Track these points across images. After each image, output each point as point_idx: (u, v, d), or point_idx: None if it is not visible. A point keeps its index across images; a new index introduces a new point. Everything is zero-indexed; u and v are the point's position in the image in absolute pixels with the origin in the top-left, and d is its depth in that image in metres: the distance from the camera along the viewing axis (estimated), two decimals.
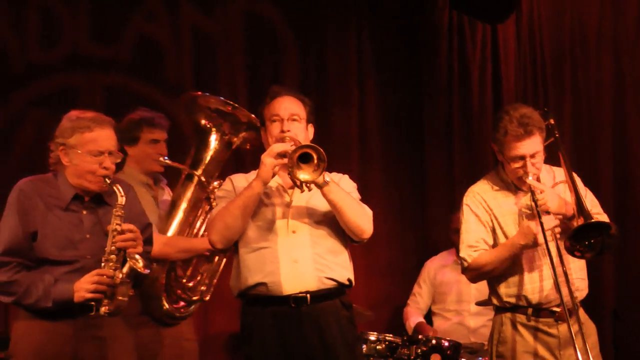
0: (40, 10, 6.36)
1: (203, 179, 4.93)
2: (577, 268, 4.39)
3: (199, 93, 5.08)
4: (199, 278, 5.06)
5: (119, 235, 3.90)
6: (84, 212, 4.02)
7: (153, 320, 4.93)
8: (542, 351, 4.33)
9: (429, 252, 6.78)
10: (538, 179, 4.33)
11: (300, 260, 4.13)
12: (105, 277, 3.86)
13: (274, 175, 4.09)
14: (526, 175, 4.27)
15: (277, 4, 6.94)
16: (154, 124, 5.09)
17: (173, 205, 5.06)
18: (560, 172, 4.50)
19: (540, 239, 4.17)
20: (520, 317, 4.36)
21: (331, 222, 4.23)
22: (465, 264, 4.41)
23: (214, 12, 6.77)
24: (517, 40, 7.20)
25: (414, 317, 6.44)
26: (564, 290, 4.16)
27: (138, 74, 6.56)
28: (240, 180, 4.33)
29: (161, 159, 5.02)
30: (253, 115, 4.91)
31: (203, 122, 5.07)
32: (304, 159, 3.98)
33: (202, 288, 5.01)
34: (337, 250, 4.25)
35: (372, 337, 5.49)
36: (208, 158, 5.03)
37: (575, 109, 7.09)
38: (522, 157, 4.26)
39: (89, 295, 3.83)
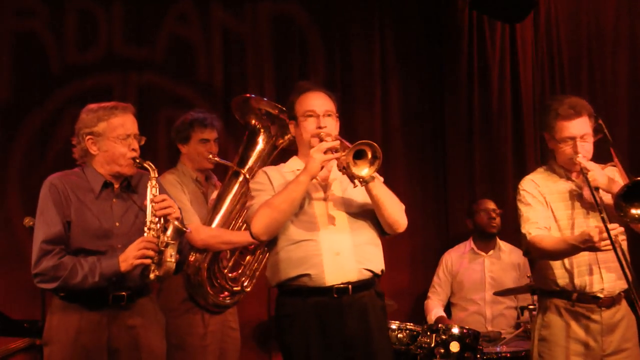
0: (77, 13, 6.53)
1: (248, 176, 5.03)
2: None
3: (251, 95, 5.18)
4: (241, 270, 5.17)
5: (157, 204, 3.97)
6: (114, 201, 4.09)
7: (198, 307, 5.05)
8: (584, 336, 4.41)
9: (450, 245, 6.85)
10: (588, 161, 4.41)
11: (342, 252, 4.19)
12: (149, 242, 3.92)
13: (321, 169, 4.14)
14: (576, 155, 4.37)
15: (304, 6, 7.03)
16: (205, 124, 5.24)
17: (219, 200, 5.18)
18: (609, 170, 4.56)
19: (599, 245, 4.15)
20: (565, 303, 4.45)
21: (367, 213, 4.29)
22: (528, 237, 4.45)
23: (244, 14, 6.89)
24: (534, 39, 7.24)
25: (435, 309, 6.51)
26: (624, 270, 4.16)
27: (170, 73, 6.71)
28: (274, 173, 4.37)
29: (210, 156, 5.18)
30: None
31: (253, 122, 5.20)
32: (358, 155, 4.04)
33: (244, 279, 5.10)
34: (374, 241, 4.32)
35: (394, 326, 5.52)
36: (254, 157, 5.14)
37: (592, 106, 7.12)
38: (572, 138, 4.38)
39: (137, 262, 3.90)
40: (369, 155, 4.04)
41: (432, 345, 5.45)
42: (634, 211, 4.24)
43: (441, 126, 7.30)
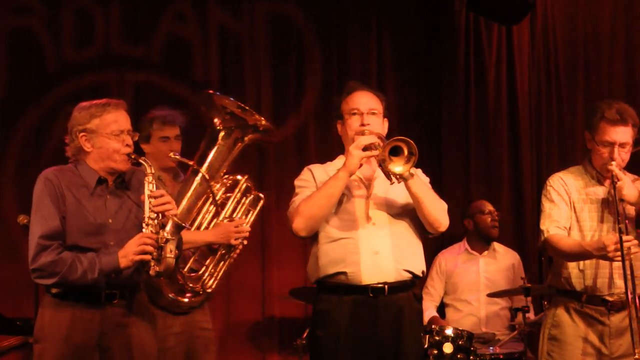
0: (73, 11, 6.55)
1: (207, 175, 4.89)
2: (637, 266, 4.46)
3: (215, 92, 5.10)
4: (202, 270, 4.96)
5: (155, 200, 3.93)
6: (108, 197, 4.05)
7: (160, 309, 4.86)
8: (592, 338, 4.44)
9: (444, 245, 6.82)
10: (620, 170, 4.42)
11: (381, 251, 4.19)
12: (149, 238, 3.87)
13: (360, 166, 4.13)
14: (610, 161, 4.37)
15: (301, 5, 7.04)
16: (164, 121, 5.12)
17: (177, 198, 4.95)
18: (638, 183, 4.59)
19: (613, 256, 4.21)
20: (574, 304, 4.48)
21: (409, 213, 4.29)
22: (546, 235, 4.49)
23: (241, 13, 6.90)
24: (531, 41, 7.24)
25: (427, 310, 6.41)
26: (626, 282, 4.23)
27: (167, 72, 6.73)
28: (318, 171, 4.40)
29: (171, 154, 5.00)
30: (263, 119, 5.01)
31: (215, 120, 5.07)
32: (394, 151, 4.04)
33: (206, 279, 4.90)
34: (414, 241, 4.32)
35: None
36: (213, 155, 4.98)
37: (587, 110, 7.12)
38: (612, 143, 4.38)
39: (137, 257, 3.86)
40: (405, 152, 4.05)
41: (426, 346, 5.42)
42: None
43: (437, 127, 7.30)
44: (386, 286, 4.18)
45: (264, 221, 6.69)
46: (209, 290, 4.90)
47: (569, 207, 4.53)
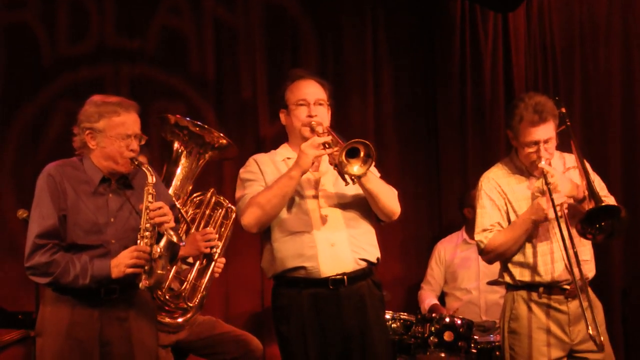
0: (68, 4, 6.50)
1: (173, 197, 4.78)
2: (585, 251, 4.52)
3: (169, 115, 5.08)
4: (183, 286, 4.95)
5: (152, 212, 3.94)
6: (110, 196, 4.06)
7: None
8: (553, 327, 4.45)
9: (442, 235, 6.86)
10: (550, 164, 4.45)
11: (337, 243, 4.22)
12: (142, 252, 3.91)
13: (312, 164, 4.15)
14: (539, 159, 4.40)
15: None
16: None
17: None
18: (570, 158, 4.64)
19: (551, 214, 4.30)
20: (532, 295, 4.49)
21: (360, 203, 4.31)
22: (482, 246, 4.55)
23: (235, 5, 6.87)
24: (527, 29, 7.25)
25: (428, 299, 6.51)
26: (575, 270, 4.28)
27: (162, 65, 6.69)
28: (264, 161, 4.41)
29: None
30: (222, 136, 5.02)
31: (175, 142, 5.07)
32: (351, 153, 4.03)
33: (187, 295, 4.90)
34: (368, 230, 4.35)
35: (388, 316, 5.49)
36: (177, 176, 5.02)
37: (584, 96, 7.14)
38: (536, 143, 4.41)
39: (129, 270, 3.90)
40: (362, 154, 4.04)
41: (426, 334, 5.48)
42: (597, 232, 4.34)
43: (433, 116, 7.30)
44: (345, 277, 4.21)
45: None
46: (192, 305, 4.90)
47: (502, 211, 4.55)
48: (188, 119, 5.03)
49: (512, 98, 7.09)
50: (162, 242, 3.97)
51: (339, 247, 4.22)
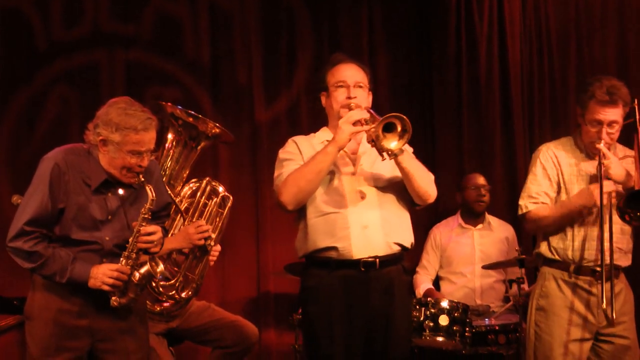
0: None
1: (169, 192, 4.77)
2: (624, 240, 4.54)
3: (166, 103, 5.05)
4: (175, 277, 4.92)
5: (142, 237, 3.94)
6: (109, 195, 4.02)
7: None
8: (580, 308, 4.48)
9: (438, 219, 6.84)
10: (609, 149, 4.45)
11: (370, 225, 4.20)
12: (122, 273, 3.91)
13: (349, 140, 4.13)
14: (599, 140, 4.40)
15: None
16: None
17: None
18: (626, 151, 4.63)
19: (598, 202, 4.32)
20: (563, 274, 4.52)
21: (396, 186, 4.30)
22: (524, 211, 4.57)
23: None
24: (522, 13, 7.20)
25: (423, 284, 6.50)
26: (608, 253, 4.31)
27: (157, 50, 6.69)
28: (303, 143, 4.40)
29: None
30: (217, 125, 5.00)
31: (170, 130, 5.04)
32: (387, 128, 4.03)
33: (179, 286, 4.89)
34: (402, 214, 4.34)
35: None
36: (170, 165, 5.00)
37: (579, 81, 7.01)
38: (600, 122, 4.41)
39: (105, 287, 3.88)
40: (399, 129, 4.03)
41: (422, 318, 5.46)
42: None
43: (429, 101, 7.29)
44: (377, 260, 4.20)
45: (258, 197, 6.72)
46: (185, 296, 4.90)
47: (553, 181, 4.57)
48: (180, 107, 5.01)
49: (507, 83, 7.15)
50: (144, 269, 3.98)
51: (371, 229, 4.21)
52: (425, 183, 4.29)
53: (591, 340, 4.49)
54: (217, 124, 5.02)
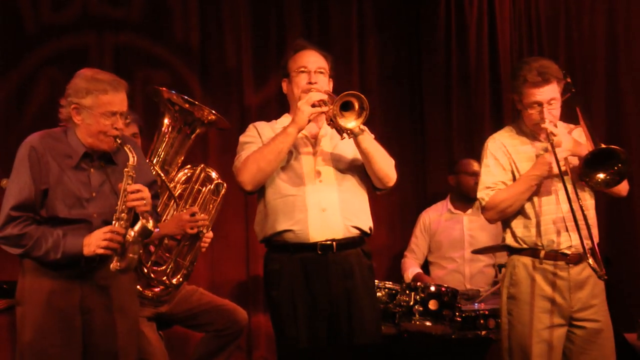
0: None
1: (157, 168, 4.90)
2: (589, 215, 4.47)
3: (163, 88, 5.05)
4: (166, 263, 4.96)
5: (130, 194, 3.93)
6: (92, 171, 4.04)
7: None
8: (552, 293, 4.46)
9: (428, 204, 6.86)
10: (555, 126, 4.46)
11: (329, 208, 4.26)
12: (116, 234, 3.90)
13: (309, 122, 4.19)
14: (542, 120, 4.43)
15: None
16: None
17: None
18: (575, 132, 4.63)
19: (555, 169, 4.34)
20: (533, 260, 4.50)
21: (356, 169, 4.36)
22: (483, 203, 4.57)
23: None
24: None
25: (411, 268, 6.53)
26: (581, 232, 4.28)
27: (146, 34, 6.67)
28: (264, 128, 4.45)
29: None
30: (214, 112, 5.00)
31: (166, 115, 5.06)
32: (345, 107, 4.08)
33: (170, 272, 4.91)
34: (362, 198, 4.39)
35: None
36: (164, 150, 5.00)
37: (568, 64, 6.99)
38: (540, 104, 4.44)
39: (100, 251, 3.88)
40: (356, 107, 4.09)
41: (411, 303, 5.47)
42: (599, 176, 4.33)
43: (419, 85, 7.29)
44: (334, 243, 4.25)
45: None
46: (175, 282, 4.91)
47: (507, 170, 4.57)
48: (176, 93, 5.01)
49: (497, 67, 7.14)
50: (137, 226, 3.95)
51: (329, 212, 4.26)
52: (385, 165, 4.34)
53: (566, 327, 4.48)
54: (213, 111, 5.02)
